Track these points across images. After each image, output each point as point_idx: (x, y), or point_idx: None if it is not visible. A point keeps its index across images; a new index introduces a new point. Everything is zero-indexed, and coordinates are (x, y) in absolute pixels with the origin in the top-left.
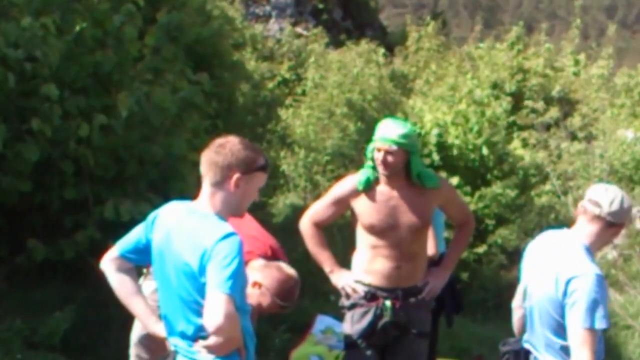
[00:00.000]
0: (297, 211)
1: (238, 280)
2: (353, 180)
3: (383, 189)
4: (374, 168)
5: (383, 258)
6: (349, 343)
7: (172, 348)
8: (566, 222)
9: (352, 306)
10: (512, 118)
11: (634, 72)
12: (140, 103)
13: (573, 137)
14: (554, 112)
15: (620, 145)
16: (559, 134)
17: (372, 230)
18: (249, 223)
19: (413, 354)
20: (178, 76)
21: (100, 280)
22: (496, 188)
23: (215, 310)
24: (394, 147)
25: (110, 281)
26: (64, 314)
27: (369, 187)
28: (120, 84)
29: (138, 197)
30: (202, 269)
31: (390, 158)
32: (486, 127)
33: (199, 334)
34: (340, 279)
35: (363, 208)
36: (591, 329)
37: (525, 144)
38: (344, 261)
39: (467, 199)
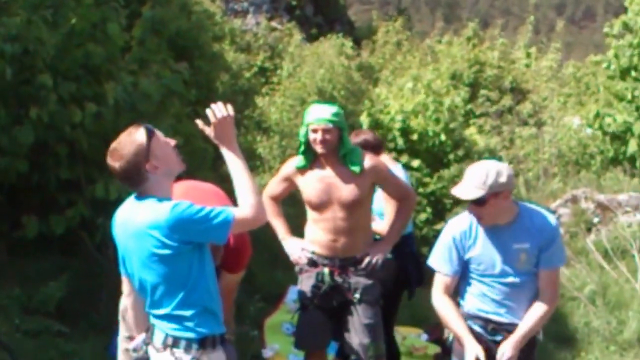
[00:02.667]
0: None
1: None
2: (294, 161)
3: (318, 168)
4: (306, 151)
5: (322, 231)
6: (301, 304)
7: (151, 322)
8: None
9: (300, 271)
10: (469, 106)
11: (581, 64)
12: (127, 91)
13: (524, 123)
14: (507, 101)
15: (567, 131)
16: (512, 121)
17: (310, 205)
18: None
19: (362, 320)
20: (161, 66)
21: (92, 253)
22: (453, 170)
23: (242, 205)
24: (330, 125)
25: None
26: (59, 283)
27: (306, 167)
28: (109, 73)
29: None
30: (159, 247)
31: (327, 136)
32: (445, 115)
33: (171, 312)
34: (288, 245)
35: (302, 185)
36: None
37: (481, 130)
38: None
39: (427, 179)
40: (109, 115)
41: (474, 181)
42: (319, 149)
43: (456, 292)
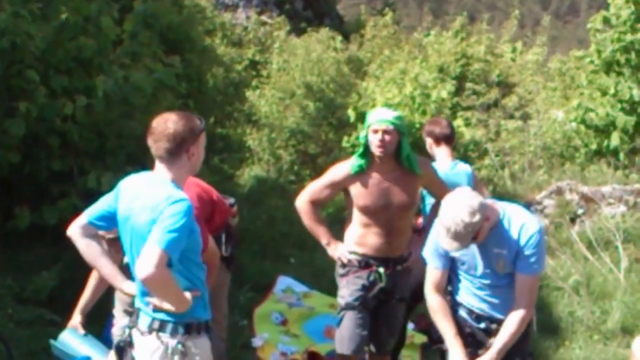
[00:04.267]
0: (261, 182)
1: (178, 240)
2: (347, 166)
3: (375, 173)
4: (365, 154)
5: (374, 234)
6: (347, 305)
7: (136, 306)
8: (503, 193)
9: (346, 273)
10: (455, 99)
11: (566, 59)
12: (118, 84)
13: (510, 116)
14: (493, 94)
15: (552, 124)
16: (498, 114)
17: (365, 210)
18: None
19: (393, 316)
20: (153, 59)
21: None
22: None
23: (148, 260)
24: (391, 127)
25: (78, 246)
26: (51, 273)
27: (361, 172)
28: (100, 66)
29: (118, 168)
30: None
31: (387, 137)
32: (432, 107)
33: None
34: (336, 250)
35: (357, 191)
36: None
37: (467, 122)
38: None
39: None
40: (99, 108)
41: (460, 237)
42: (377, 151)
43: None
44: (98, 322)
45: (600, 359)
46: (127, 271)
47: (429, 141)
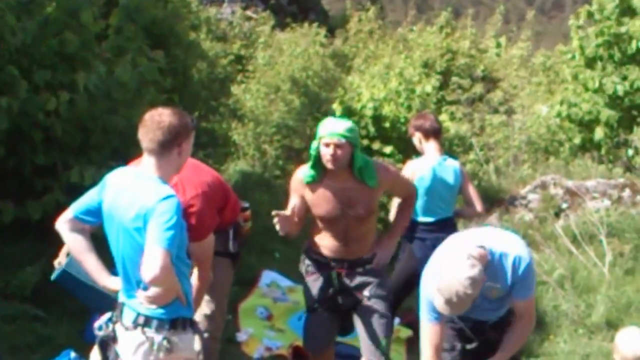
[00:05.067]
0: (246, 177)
1: (175, 237)
2: (300, 174)
3: (329, 183)
4: (316, 165)
5: (331, 238)
6: (308, 307)
7: (120, 300)
8: (488, 188)
9: (306, 273)
10: (441, 94)
11: (550, 53)
12: (102, 79)
13: (495, 111)
14: (478, 89)
15: (537, 118)
16: (482, 109)
17: (321, 219)
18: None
19: (376, 316)
20: (137, 54)
21: None
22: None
23: (153, 262)
24: (343, 141)
25: (65, 240)
26: (35, 269)
27: (315, 181)
28: (84, 61)
29: (101, 163)
30: (144, 227)
31: (339, 151)
32: (417, 102)
33: (140, 287)
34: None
35: (311, 200)
36: None
37: (452, 117)
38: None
39: (399, 166)
40: (82, 103)
41: (460, 307)
42: (329, 164)
43: None
44: (82, 319)
45: (585, 353)
46: None
47: (417, 136)
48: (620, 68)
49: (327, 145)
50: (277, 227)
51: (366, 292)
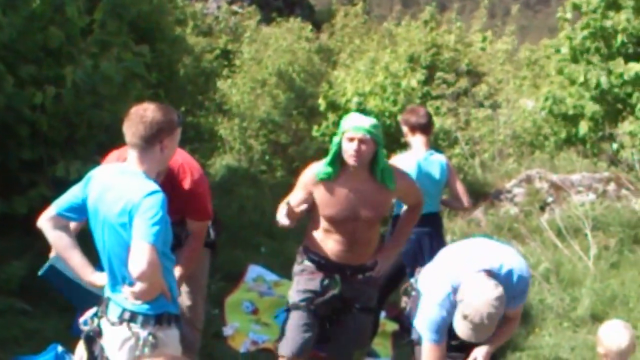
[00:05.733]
0: (232, 171)
1: (161, 232)
2: (314, 169)
3: (345, 182)
4: (335, 161)
5: (336, 242)
6: (292, 305)
7: (106, 296)
8: (473, 182)
9: (301, 273)
10: (426, 88)
11: (535, 48)
12: (87, 73)
13: (480, 105)
14: (463, 83)
15: (522, 113)
16: (468, 103)
17: (329, 219)
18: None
19: (357, 328)
20: (122, 48)
21: None
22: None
23: (140, 258)
24: (368, 137)
25: (49, 238)
26: (21, 262)
27: (330, 179)
28: (69, 56)
29: (87, 158)
30: (129, 223)
31: (364, 147)
32: (402, 96)
33: (126, 282)
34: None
35: (322, 198)
36: None
37: (437, 111)
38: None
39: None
40: (68, 98)
41: (487, 330)
42: (351, 160)
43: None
44: (69, 313)
45: (570, 346)
46: None
47: (404, 129)
48: (606, 62)
49: (351, 139)
50: (280, 217)
51: (358, 304)
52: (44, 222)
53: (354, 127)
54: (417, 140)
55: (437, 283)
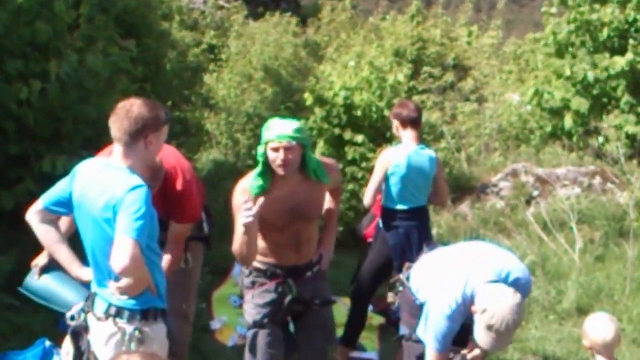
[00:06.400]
0: (219, 166)
1: (145, 227)
2: (244, 185)
3: (281, 188)
4: (265, 172)
5: (282, 246)
6: (255, 324)
7: (92, 291)
8: (459, 176)
9: (252, 285)
10: (412, 82)
11: (521, 42)
12: (73, 68)
13: (466, 99)
14: (449, 77)
15: (508, 107)
16: (454, 97)
17: (273, 227)
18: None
19: (322, 323)
20: (109, 43)
21: None
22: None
23: (122, 252)
24: (293, 143)
25: (36, 232)
26: (8, 257)
27: (264, 191)
28: (56, 50)
29: (73, 152)
30: (113, 218)
31: (290, 155)
32: (388, 91)
33: (112, 277)
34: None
35: (263, 209)
36: None
37: (423, 105)
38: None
39: (370, 154)
40: (53, 92)
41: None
42: (280, 170)
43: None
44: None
45: (555, 339)
46: None
47: (395, 123)
48: (591, 55)
49: (276, 149)
50: (246, 216)
51: (317, 300)
52: (32, 215)
53: (277, 136)
54: (407, 134)
55: (445, 294)
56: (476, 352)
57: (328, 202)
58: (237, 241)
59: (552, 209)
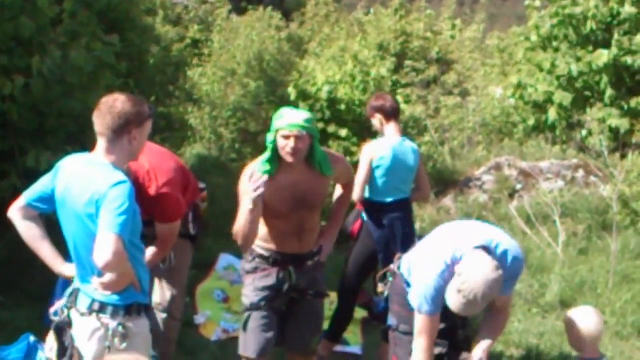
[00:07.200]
0: (203, 160)
1: (128, 222)
2: (253, 170)
3: (286, 175)
4: (273, 159)
5: (285, 234)
6: (251, 305)
7: (75, 286)
8: (443, 169)
9: (254, 270)
10: (395, 77)
11: (504, 36)
12: (57, 63)
13: (449, 93)
14: (432, 71)
15: (491, 100)
16: (437, 91)
17: (276, 214)
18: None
19: (312, 313)
20: (92, 38)
21: None
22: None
23: (105, 248)
24: (303, 133)
25: (18, 228)
26: None
27: (271, 176)
28: (40, 46)
29: (58, 148)
30: (96, 213)
31: (300, 144)
32: (371, 85)
33: (95, 273)
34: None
35: (267, 194)
36: None
37: (407, 99)
38: None
39: (354, 149)
40: (37, 88)
41: (481, 309)
42: (289, 158)
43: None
44: (41, 303)
45: (539, 332)
46: None
47: (378, 117)
48: (574, 49)
49: (287, 137)
50: (255, 189)
51: (311, 291)
52: (14, 212)
53: (289, 125)
54: (391, 127)
55: (435, 256)
56: (477, 356)
57: (337, 195)
58: (240, 222)
59: (535, 202)
